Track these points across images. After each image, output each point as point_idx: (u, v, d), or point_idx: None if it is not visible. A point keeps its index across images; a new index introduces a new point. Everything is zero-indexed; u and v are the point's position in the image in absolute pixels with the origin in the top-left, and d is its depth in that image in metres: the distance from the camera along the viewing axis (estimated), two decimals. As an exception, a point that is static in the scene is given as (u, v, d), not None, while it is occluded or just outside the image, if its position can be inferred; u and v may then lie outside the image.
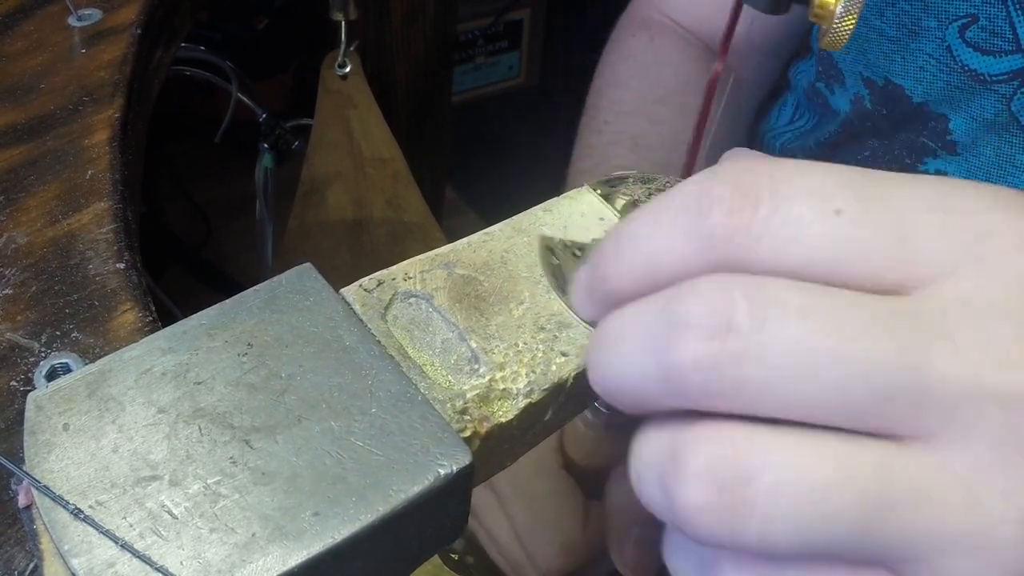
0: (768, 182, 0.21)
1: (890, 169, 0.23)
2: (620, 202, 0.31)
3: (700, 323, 0.20)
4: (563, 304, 0.28)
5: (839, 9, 0.28)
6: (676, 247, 0.22)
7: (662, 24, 0.67)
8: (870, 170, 0.22)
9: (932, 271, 0.21)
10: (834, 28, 0.28)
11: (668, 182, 0.32)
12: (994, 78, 0.47)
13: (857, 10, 0.28)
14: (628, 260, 0.23)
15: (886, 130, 0.53)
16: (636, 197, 0.31)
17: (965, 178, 0.50)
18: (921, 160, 0.52)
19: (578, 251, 0.30)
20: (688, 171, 0.37)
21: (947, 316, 0.20)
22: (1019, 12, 0.45)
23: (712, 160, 0.31)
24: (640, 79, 0.65)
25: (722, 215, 0.21)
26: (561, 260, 0.29)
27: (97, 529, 0.22)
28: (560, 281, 0.29)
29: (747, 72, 0.67)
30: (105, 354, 0.27)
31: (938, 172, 0.51)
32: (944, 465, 0.20)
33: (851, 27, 0.28)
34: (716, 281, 0.21)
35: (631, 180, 0.32)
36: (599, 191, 0.32)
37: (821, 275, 0.21)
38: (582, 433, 0.39)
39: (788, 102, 0.66)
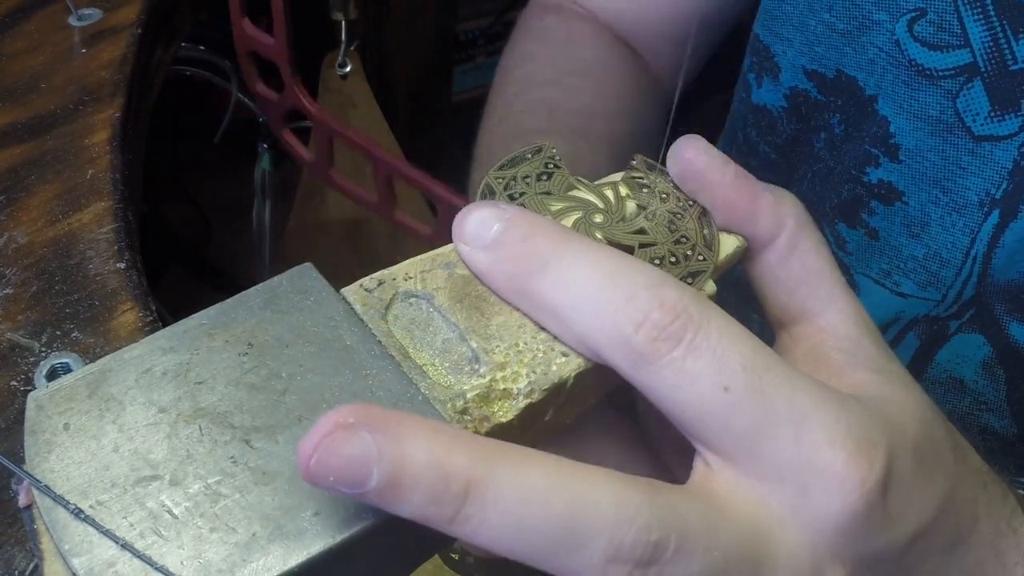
0: (693, 329, 0.24)
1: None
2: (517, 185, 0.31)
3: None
4: None
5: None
6: (601, 318, 0.25)
7: (571, 10, 0.67)
8: (778, 361, 0.25)
9: (761, 479, 0.24)
10: None
11: (554, 150, 0.32)
12: (940, 73, 0.46)
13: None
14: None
15: (835, 126, 0.53)
16: (538, 172, 0.31)
17: (911, 185, 0.49)
18: (863, 171, 0.51)
19: None
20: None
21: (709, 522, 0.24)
22: (967, 7, 0.44)
23: (639, 148, 0.32)
24: (552, 52, 0.63)
25: (647, 338, 0.24)
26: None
27: (97, 529, 0.22)
28: None
29: (656, 59, 0.67)
30: (105, 354, 0.27)
31: (881, 182, 0.50)
32: None
33: None
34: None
35: (516, 161, 0.32)
36: (499, 179, 0.31)
37: (683, 424, 0.25)
38: None
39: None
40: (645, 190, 0.31)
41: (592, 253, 0.26)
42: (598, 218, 0.30)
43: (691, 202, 0.30)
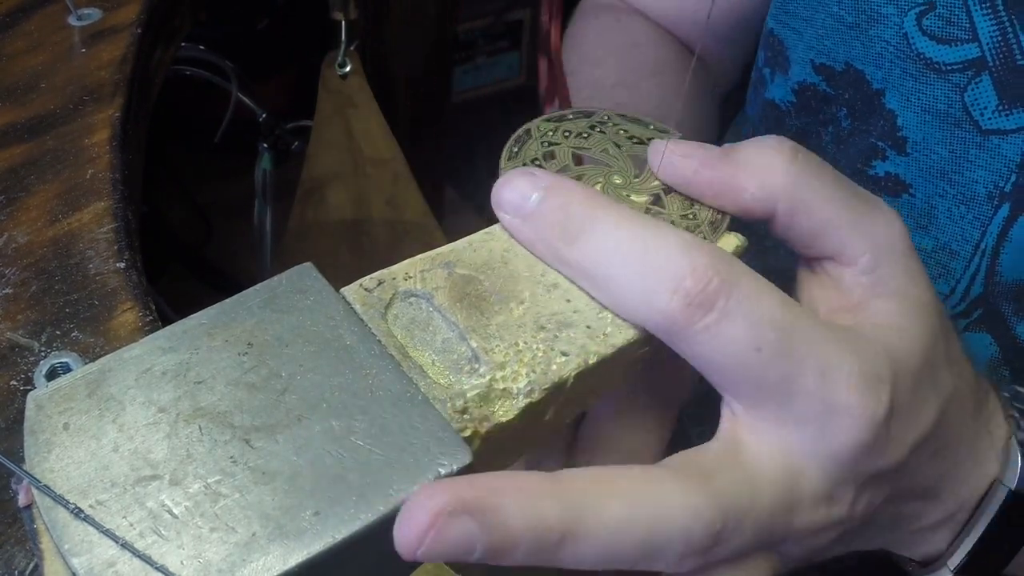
0: (724, 294, 0.26)
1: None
2: (564, 143, 0.33)
3: None
4: (563, 304, 0.28)
5: None
6: (636, 285, 0.27)
7: (623, 8, 0.68)
8: (803, 315, 0.27)
9: (785, 423, 0.27)
10: None
11: (607, 115, 0.34)
12: (948, 67, 0.46)
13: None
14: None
15: (842, 120, 0.53)
16: (579, 131, 0.33)
17: (918, 178, 0.49)
18: (869, 164, 0.51)
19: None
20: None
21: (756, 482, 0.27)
22: (976, 1, 0.45)
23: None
24: (616, 57, 0.65)
25: (681, 304, 0.26)
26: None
27: (97, 528, 0.22)
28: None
29: (710, 58, 0.67)
30: (105, 353, 0.27)
31: (888, 175, 0.50)
32: None
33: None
34: None
35: (570, 116, 0.34)
36: (542, 128, 0.33)
37: (714, 380, 0.27)
38: None
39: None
40: None
41: (626, 221, 0.27)
42: (617, 179, 0.32)
43: None
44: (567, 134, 0.33)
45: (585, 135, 0.33)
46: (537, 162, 0.32)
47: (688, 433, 0.74)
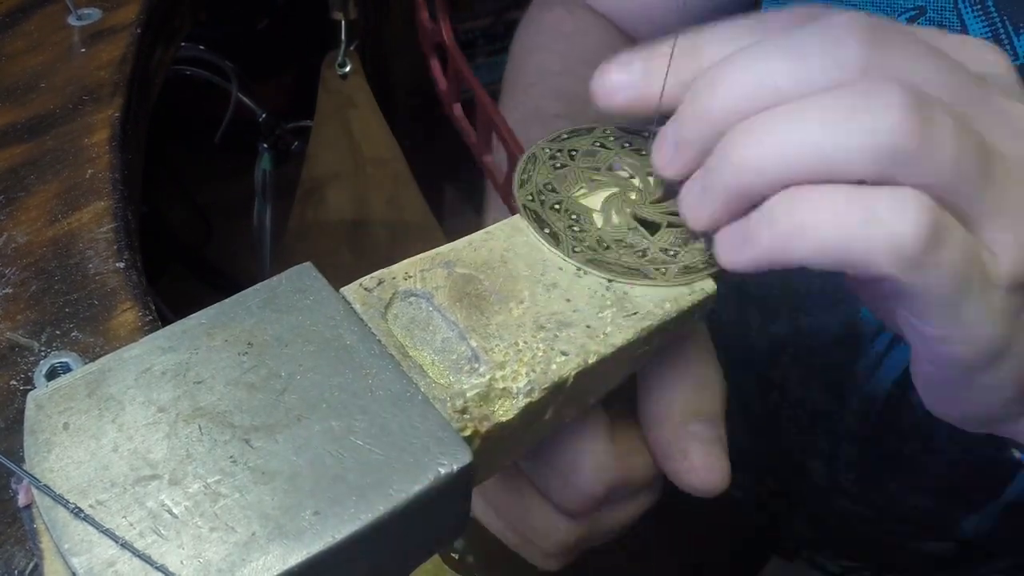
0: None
1: None
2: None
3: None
4: (562, 302, 0.28)
5: None
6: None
7: (575, 2, 0.68)
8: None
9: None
10: None
11: (607, 131, 0.34)
12: None
13: None
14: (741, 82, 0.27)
15: None
16: (585, 149, 0.33)
17: None
18: None
19: (556, 205, 0.31)
20: None
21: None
22: (967, 4, 0.45)
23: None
24: (563, 44, 0.65)
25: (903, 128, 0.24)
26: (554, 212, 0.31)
27: (97, 528, 0.22)
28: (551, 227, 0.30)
29: None
30: (105, 353, 0.27)
31: None
32: None
33: None
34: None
35: (566, 136, 0.34)
36: (547, 150, 0.33)
37: None
38: None
39: None
40: None
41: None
42: (633, 195, 0.31)
43: None
44: (573, 154, 0.33)
45: (592, 153, 0.33)
46: (550, 186, 0.32)
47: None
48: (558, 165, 0.32)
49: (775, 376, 0.61)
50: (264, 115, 0.96)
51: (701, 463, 0.32)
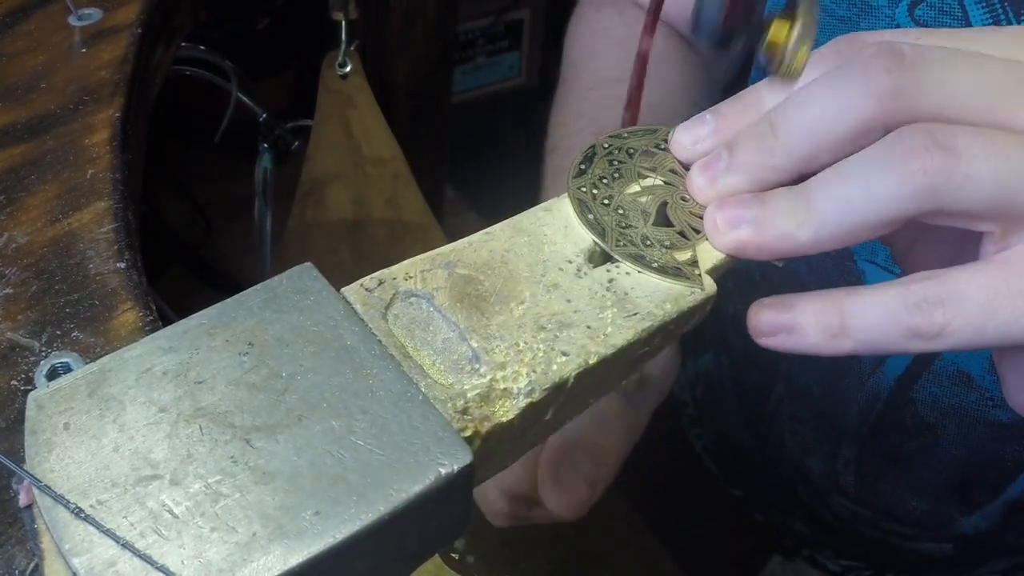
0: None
1: None
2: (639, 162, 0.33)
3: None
4: (565, 304, 0.28)
5: (791, 44, 0.28)
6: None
7: (624, 1, 0.68)
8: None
9: None
10: (787, 61, 0.28)
11: (671, 131, 0.34)
12: None
13: (810, 41, 0.28)
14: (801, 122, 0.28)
15: None
16: (644, 149, 0.33)
17: None
18: None
19: (607, 200, 0.32)
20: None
21: None
22: None
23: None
24: (617, 50, 0.65)
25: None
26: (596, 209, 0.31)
27: (98, 528, 0.22)
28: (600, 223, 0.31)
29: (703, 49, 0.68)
30: (105, 353, 0.27)
31: None
32: None
33: (804, 58, 0.28)
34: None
35: (626, 135, 0.34)
36: (607, 145, 0.33)
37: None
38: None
39: None
40: None
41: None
42: (684, 199, 0.32)
43: None
44: (631, 152, 0.33)
45: (651, 154, 0.33)
46: (605, 180, 0.32)
47: (687, 434, 0.74)
48: (616, 161, 0.33)
49: (776, 374, 0.61)
50: (264, 115, 0.96)
51: (565, 487, 0.37)
